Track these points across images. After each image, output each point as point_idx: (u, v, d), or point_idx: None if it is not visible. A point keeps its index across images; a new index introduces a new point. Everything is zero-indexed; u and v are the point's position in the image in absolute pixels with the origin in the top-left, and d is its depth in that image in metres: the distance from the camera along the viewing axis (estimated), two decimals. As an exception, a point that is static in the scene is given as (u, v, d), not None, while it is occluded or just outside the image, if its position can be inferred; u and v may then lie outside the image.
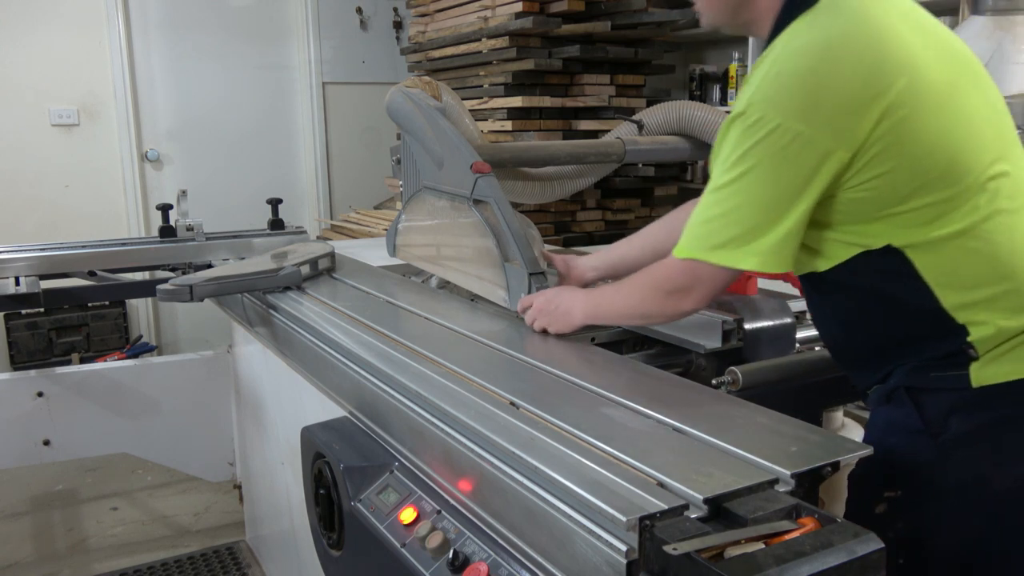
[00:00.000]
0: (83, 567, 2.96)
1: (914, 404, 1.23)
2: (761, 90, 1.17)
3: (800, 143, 1.14)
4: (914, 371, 1.23)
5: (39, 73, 4.62)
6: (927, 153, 1.15)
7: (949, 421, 1.20)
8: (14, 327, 4.56)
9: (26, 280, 2.49)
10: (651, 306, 1.35)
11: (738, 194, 1.19)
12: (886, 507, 1.26)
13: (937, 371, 1.21)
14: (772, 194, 1.17)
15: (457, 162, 1.90)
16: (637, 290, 1.38)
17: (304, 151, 5.41)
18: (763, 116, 1.15)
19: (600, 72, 3.89)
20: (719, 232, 1.21)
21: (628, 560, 0.84)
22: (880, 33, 1.16)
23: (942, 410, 1.21)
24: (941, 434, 1.21)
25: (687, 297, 1.28)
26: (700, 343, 1.58)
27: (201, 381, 2.89)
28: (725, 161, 1.20)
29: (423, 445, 1.26)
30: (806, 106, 1.14)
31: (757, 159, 1.16)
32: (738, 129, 1.18)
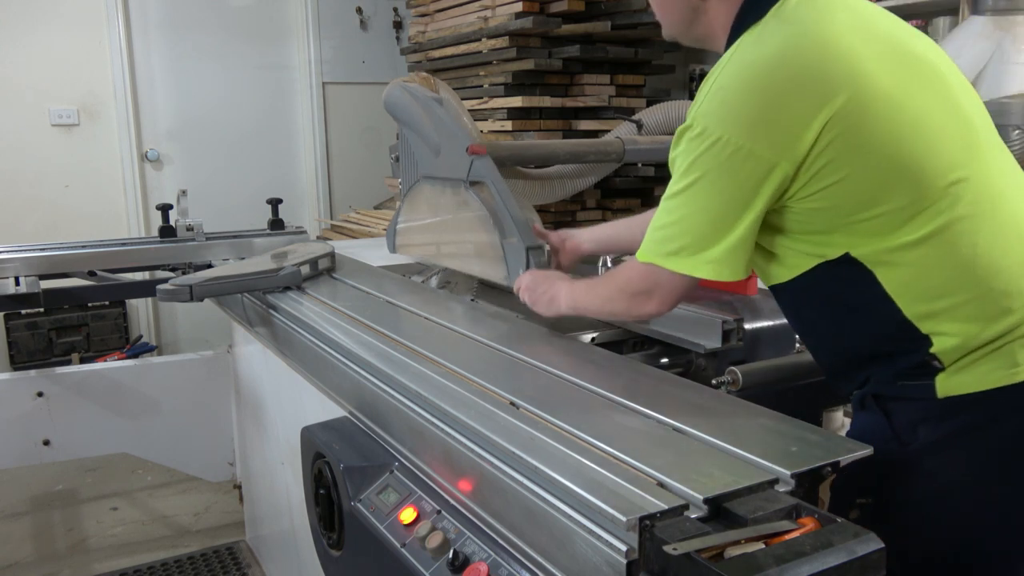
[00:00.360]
0: (83, 567, 2.96)
1: (883, 412, 1.23)
2: (706, 103, 1.20)
3: (741, 156, 1.15)
4: (883, 380, 1.23)
5: (39, 73, 4.62)
6: (880, 162, 1.14)
7: (918, 430, 1.20)
8: (14, 327, 4.56)
9: (26, 280, 2.49)
10: (617, 306, 1.39)
11: (687, 204, 1.22)
12: (859, 514, 1.26)
13: (904, 380, 1.20)
14: (718, 205, 1.19)
15: (454, 148, 1.92)
16: (606, 289, 1.42)
17: (304, 151, 5.41)
18: (706, 129, 1.18)
19: (600, 72, 3.89)
20: (672, 239, 1.24)
21: (628, 560, 0.84)
22: (824, 45, 1.17)
23: (910, 419, 1.21)
24: (910, 443, 1.20)
25: (649, 301, 1.31)
26: (700, 343, 1.58)
27: (201, 381, 2.89)
28: (677, 171, 1.24)
29: (423, 445, 1.26)
30: (747, 120, 1.15)
31: (703, 171, 1.19)
32: (686, 141, 1.22)
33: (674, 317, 1.66)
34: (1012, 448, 1.18)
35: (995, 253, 1.17)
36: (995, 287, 1.16)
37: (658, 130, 3.01)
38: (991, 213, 1.18)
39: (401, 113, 2.12)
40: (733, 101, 1.17)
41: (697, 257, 1.22)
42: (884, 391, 1.23)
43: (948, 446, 1.19)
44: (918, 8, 2.93)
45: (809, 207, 1.18)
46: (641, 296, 1.32)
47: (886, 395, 1.23)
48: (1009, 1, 2.51)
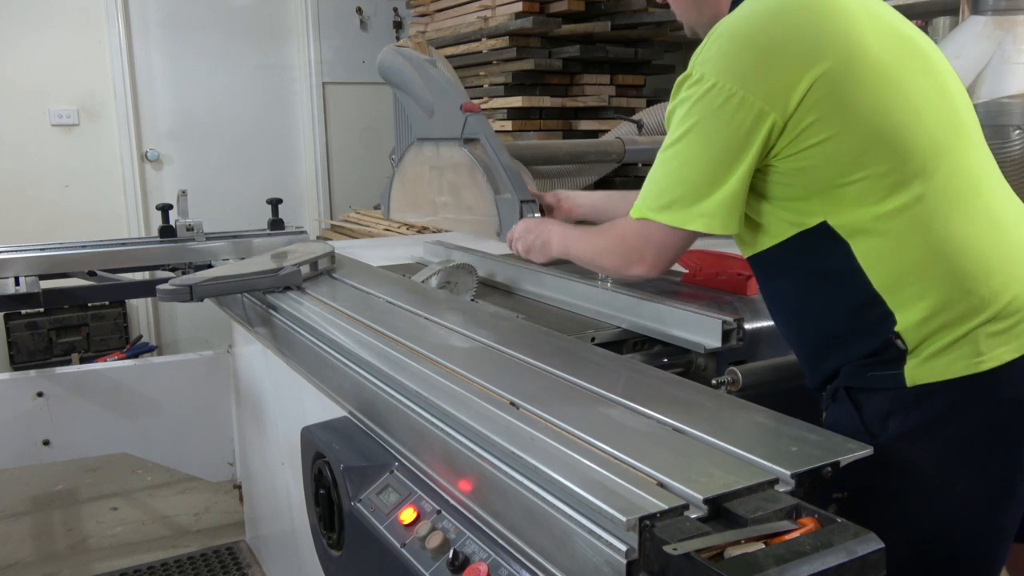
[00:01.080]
0: (83, 567, 2.96)
1: (854, 404, 1.24)
2: (704, 52, 1.22)
3: (735, 103, 1.17)
4: (852, 371, 1.24)
5: (39, 73, 4.62)
6: (864, 127, 1.16)
7: (887, 422, 1.20)
8: (14, 327, 4.56)
9: (26, 280, 2.49)
10: (606, 261, 1.41)
11: (681, 154, 1.23)
12: (835, 509, 1.26)
13: (873, 370, 1.21)
14: (711, 154, 1.21)
15: (447, 106, 1.94)
16: (601, 242, 1.43)
17: (304, 151, 5.41)
18: (703, 76, 1.20)
19: (600, 72, 3.89)
20: (665, 192, 1.25)
21: (628, 560, 0.84)
22: (822, 5, 1.20)
23: (880, 411, 1.21)
24: (879, 435, 1.21)
25: (641, 260, 1.33)
26: (700, 343, 1.58)
27: (201, 381, 2.89)
28: (673, 122, 1.25)
29: (423, 445, 1.26)
30: (742, 68, 1.18)
31: (697, 118, 1.21)
32: (684, 88, 1.23)
33: (674, 317, 1.66)
34: (977, 438, 1.19)
35: (967, 235, 1.19)
36: (963, 268, 1.17)
37: (658, 130, 3.01)
38: (967, 197, 1.21)
39: (395, 76, 2.13)
40: (730, 49, 1.20)
41: (690, 210, 1.23)
42: (854, 383, 1.24)
43: (917, 437, 1.20)
44: (918, 8, 2.93)
45: (792, 167, 1.20)
46: (631, 254, 1.33)
47: (856, 387, 1.24)
48: (1009, 1, 2.51)
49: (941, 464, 1.20)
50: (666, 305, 1.67)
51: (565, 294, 1.96)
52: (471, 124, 1.86)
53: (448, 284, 2.07)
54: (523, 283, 2.10)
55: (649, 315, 1.71)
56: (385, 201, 2.30)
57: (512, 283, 2.14)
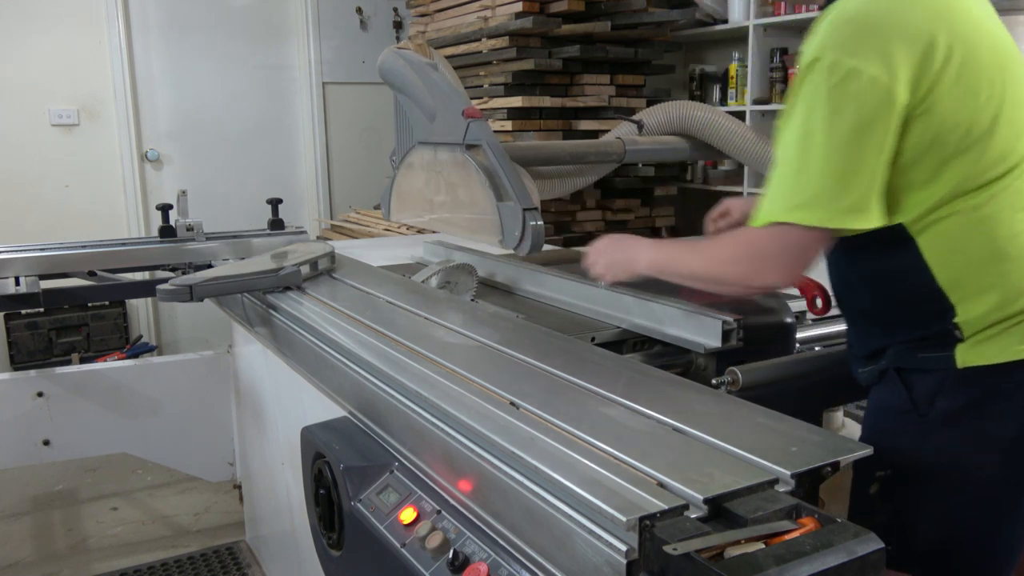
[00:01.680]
0: (83, 567, 2.96)
1: (903, 384, 1.26)
2: (826, 37, 1.15)
3: (865, 83, 1.11)
4: (903, 352, 1.26)
5: (39, 73, 4.62)
6: (973, 115, 1.15)
7: (935, 401, 1.23)
8: (14, 327, 4.56)
9: (26, 280, 2.49)
10: (730, 272, 1.26)
11: (813, 147, 1.14)
12: (878, 487, 1.28)
13: (924, 352, 1.24)
14: (847, 140, 1.12)
15: (449, 111, 1.92)
16: (723, 251, 1.29)
17: (304, 151, 5.41)
18: (835, 62, 1.12)
19: (600, 72, 3.89)
20: (801, 189, 1.15)
21: (628, 560, 0.84)
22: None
23: (929, 390, 1.24)
24: (927, 413, 1.24)
25: (774, 267, 1.20)
26: (700, 343, 1.58)
27: (201, 381, 2.89)
28: (796, 114, 1.17)
29: (423, 445, 1.26)
30: (869, 48, 1.12)
31: (826, 104, 1.13)
32: (810, 78, 1.15)
33: (674, 317, 1.66)
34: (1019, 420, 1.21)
35: None
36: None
37: (658, 130, 3.01)
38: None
39: (396, 79, 2.12)
40: (854, 31, 1.14)
41: (832, 205, 1.13)
42: (905, 364, 1.26)
43: (964, 417, 1.22)
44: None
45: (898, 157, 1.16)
46: (766, 262, 1.20)
47: (907, 367, 1.26)
48: (1010, 1, 2.51)
49: (987, 443, 1.22)
50: (666, 305, 1.67)
51: (565, 294, 1.96)
52: (473, 130, 1.85)
53: (448, 284, 2.07)
54: (523, 283, 2.11)
55: (649, 315, 1.71)
56: (385, 203, 2.30)
57: (512, 283, 2.14)
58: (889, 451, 1.25)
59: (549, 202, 3.64)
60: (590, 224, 3.99)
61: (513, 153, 2.44)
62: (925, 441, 1.24)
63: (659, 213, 4.18)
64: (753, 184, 4.05)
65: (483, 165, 1.82)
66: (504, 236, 1.73)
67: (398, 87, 2.14)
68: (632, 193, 4.09)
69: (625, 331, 1.75)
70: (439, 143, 2.01)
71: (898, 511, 1.27)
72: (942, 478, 1.24)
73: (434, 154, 2.05)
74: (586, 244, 1.74)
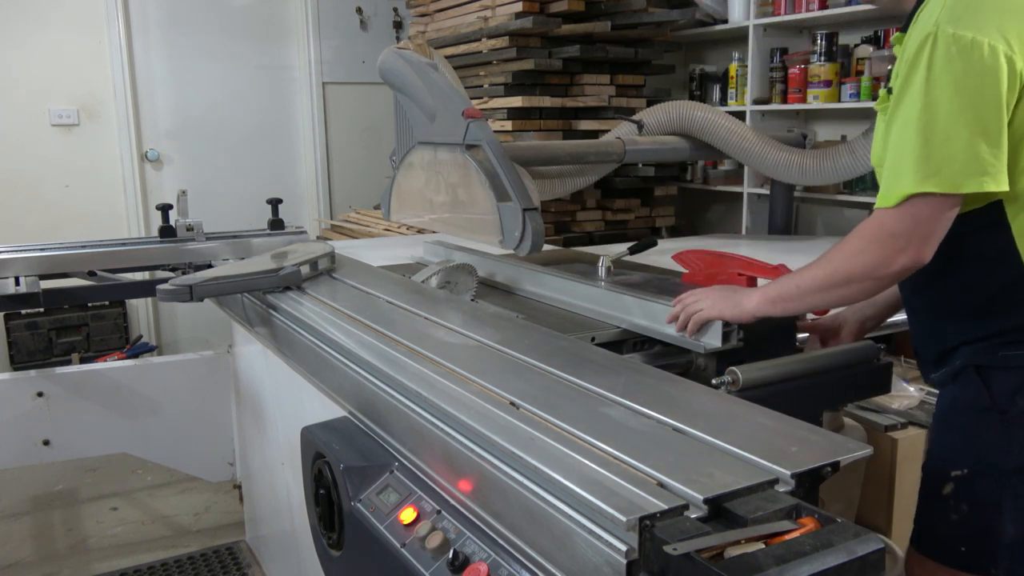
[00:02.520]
0: (83, 567, 2.96)
1: (983, 382, 1.26)
2: (944, 11, 1.17)
3: (984, 51, 1.13)
4: (982, 350, 1.26)
5: (39, 73, 4.61)
6: None
7: (1016, 398, 1.23)
8: (14, 327, 4.56)
9: (26, 280, 2.49)
10: (858, 263, 1.23)
11: (940, 116, 1.15)
12: (953, 488, 1.28)
13: (1005, 350, 1.23)
14: (975, 105, 1.14)
15: (449, 112, 1.92)
16: (839, 251, 1.27)
17: (304, 151, 5.41)
18: (955, 34, 1.14)
19: (600, 72, 3.89)
20: (927, 160, 1.15)
21: (628, 560, 0.84)
22: None
23: (1010, 387, 1.24)
24: (1008, 411, 1.23)
25: (907, 245, 1.19)
26: (700, 343, 1.58)
27: (201, 381, 2.89)
28: (914, 89, 1.17)
29: (423, 445, 1.26)
30: (988, 19, 1.15)
31: (955, 75, 1.14)
32: (928, 52, 1.16)
33: (674, 317, 1.66)
34: None
35: None
36: None
37: (658, 130, 3.01)
38: None
39: (396, 79, 2.12)
40: (972, 5, 1.16)
41: (965, 169, 1.14)
42: (984, 361, 1.26)
43: None
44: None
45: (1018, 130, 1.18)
46: (896, 242, 1.19)
47: (986, 365, 1.25)
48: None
49: None
50: (666, 305, 1.67)
51: (565, 294, 1.96)
52: (473, 130, 1.85)
53: (448, 284, 2.07)
54: (523, 283, 2.10)
55: (649, 315, 1.71)
56: (385, 203, 2.30)
57: (512, 283, 2.14)
58: (966, 449, 1.26)
59: (549, 202, 3.64)
60: (590, 224, 3.99)
61: (513, 153, 2.44)
62: (1008, 439, 1.24)
63: (659, 213, 4.18)
64: (753, 184, 4.05)
65: (483, 165, 1.82)
66: (504, 236, 1.72)
67: (398, 87, 2.14)
68: (632, 193, 4.09)
69: (625, 331, 1.74)
70: (439, 143, 2.01)
71: (977, 510, 1.27)
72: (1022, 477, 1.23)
73: (434, 154, 2.05)
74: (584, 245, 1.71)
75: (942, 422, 1.35)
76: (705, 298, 1.49)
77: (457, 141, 1.89)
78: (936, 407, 1.38)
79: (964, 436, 1.28)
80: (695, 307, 1.50)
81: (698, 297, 1.51)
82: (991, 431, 1.25)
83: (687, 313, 1.52)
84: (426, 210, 2.15)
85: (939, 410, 1.36)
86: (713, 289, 1.51)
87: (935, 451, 1.34)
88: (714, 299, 1.48)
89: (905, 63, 1.20)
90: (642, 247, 2.22)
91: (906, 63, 1.19)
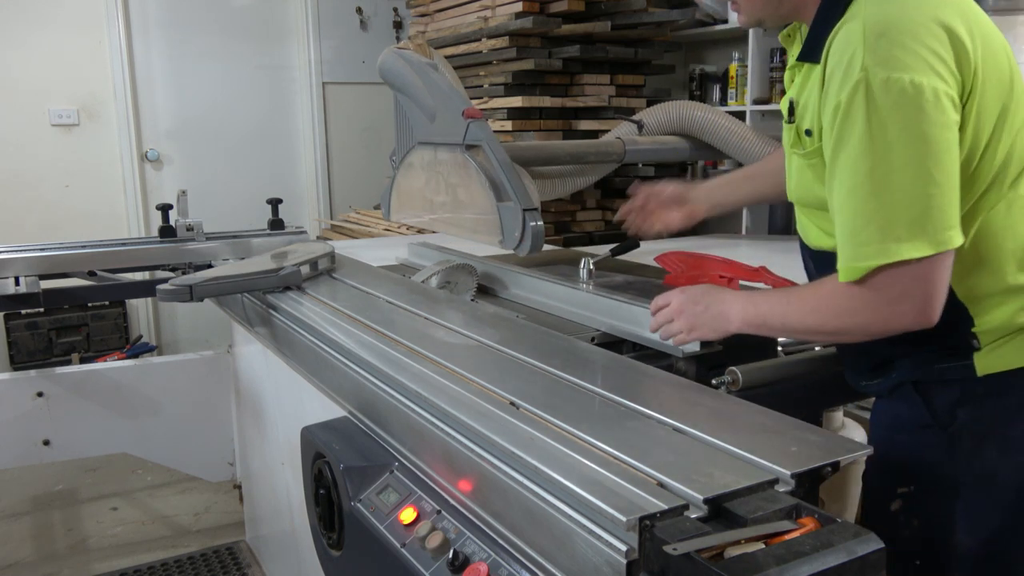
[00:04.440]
0: (83, 567, 2.96)
1: (922, 398, 1.24)
2: (870, 55, 1.08)
3: (931, 93, 1.06)
4: (919, 365, 1.24)
5: (39, 73, 4.62)
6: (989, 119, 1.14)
7: (957, 412, 1.21)
8: (14, 327, 4.56)
9: (26, 280, 2.48)
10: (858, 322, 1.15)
11: (894, 171, 1.06)
12: (901, 504, 1.27)
13: (942, 363, 1.22)
14: (929, 156, 1.06)
15: (449, 112, 1.92)
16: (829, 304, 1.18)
17: (304, 151, 5.41)
18: (888, 78, 1.06)
19: (600, 72, 3.89)
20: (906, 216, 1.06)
21: (628, 560, 0.84)
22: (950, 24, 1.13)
23: (949, 402, 1.22)
24: (949, 426, 1.22)
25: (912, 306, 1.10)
26: (679, 348, 1.56)
27: (201, 381, 2.89)
28: (854, 143, 1.08)
29: (423, 445, 1.26)
30: (923, 58, 1.07)
31: (900, 124, 1.06)
32: (862, 101, 1.07)
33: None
34: None
35: None
36: None
37: (658, 130, 3.01)
38: None
39: (396, 79, 2.12)
40: (901, 44, 1.07)
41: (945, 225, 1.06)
42: (922, 376, 1.24)
43: (988, 426, 1.21)
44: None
45: None
46: (900, 303, 1.11)
47: (924, 380, 1.23)
48: (1010, 1, 2.51)
49: (1014, 451, 1.20)
50: (645, 308, 1.65)
51: (544, 295, 1.94)
52: (473, 130, 1.85)
53: (448, 284, 2.07)
54: (501, 285, 2.08)
55: (628, 318, 1.68)
56: (385, 203, 2.30)
57: (488, 285, 2.11)
58: (911, 467, 1.23)
59: (549, 202, 3.64)
60: (590, 224, 3.99)
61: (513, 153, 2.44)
62: (952, 453, 1.22)
63: (659, 213, 4.18)
64: (753, 184, 4.04)
65: (483, 165, 1.82)
66: (504, 236, 1.72)
67: (398, 87, 2.15)
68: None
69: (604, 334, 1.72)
70: (439, 143, 2.01)
71: (930, 524, 1.25)
72: (973, 488, 1.22)
73: (434, 154, 2.05)
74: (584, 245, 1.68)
75: (884, 439, 1.31)
76: (680, 317, 1.39)
77: (457, 141, 1.89)
78: (874, 421, 1.33)
79: (908, 453, 1.25)
80: (672, 330, 1.42)
81: (672, 315, 1.41)
82: (935, 447, 1.23)
83: (666, 334, 1.45)
84: (426, 210, 2.15)
85: (877, 428, 1.32)
86: (687, 300, 1.39)
87: (878, 468, 1.28)
88: (691, 322, 1.38)
89: (834, 113, 1.11)
90: (625, 248, 2.20)
91: (837, 114, 1.10)
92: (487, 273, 2.13)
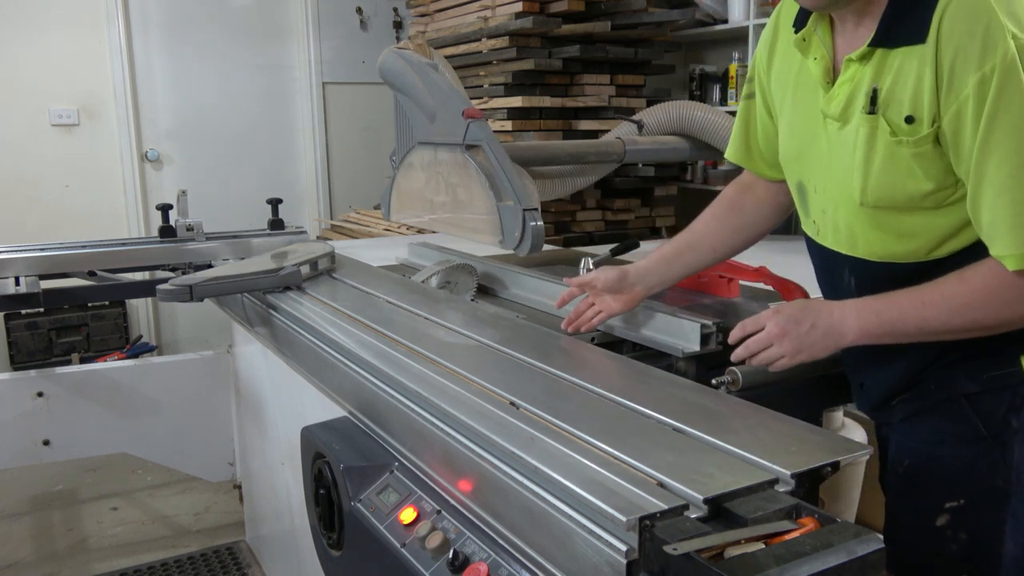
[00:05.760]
0: (83, 567, 2.96)
1: (973, 409, 1.21)
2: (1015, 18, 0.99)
3: None
4: (959, 375, 1.21)
5: (39, 73, 4.62)
6: None
7: (1008, 419, 1.19)
8: (14, 327, 4.56)
9: (26, 280, 2.48)
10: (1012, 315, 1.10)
11: None
12: (948, 518, 1.23)
13: (991, 371, 1.19)
14: None
15: (449, 112, 1.93)
16: (990, 292, 1.11)
17: (304, 151, 5.41)
18: None
19: (600, 72, 3.89)
20: None
21: (628, 560, 0.84)
22: None
23: (1000, 409, 1.20)
24: (1001, 434, 1.20)
25: None
26: (679, 347, 1.56)
27: (201, 381, 2.89)
28: (1018, 117, 1.00)
29: (423, 445, 1.26)
30: None
31: None
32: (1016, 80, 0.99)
33: (652, 320, 1.65)
34: None
35: None
36: None
37: (658, 130, 3.01)
38: None
39: (396, 79, 2.13)
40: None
41: None
42: (970, 388, 1.21)
43: None
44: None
45: None
46: None
47: (973, 392, 1.21)
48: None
49: None
50: (644, 308, 1.65)
51: (544, 295, 1.94)
52: (473, 130, 1.85)
53: (448, 284, 2.07)
54: (501, 285, 2.08)
55: (627, 318, 1.69)
56: (385, 203, 2.30)
57: (488, 285, 2.11)
58: (960, 480, 1.21)
59: (549, 202, 3.64)
60: (590, 224, 3.99)
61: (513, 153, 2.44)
62: (1002, 463, 1.20)
63: (659, 213, 4.18)
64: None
65: (483, 165, 1.82)
66: (504, 236, 1.72)
67: (398, 87, 2.15)
68: (632, 193, 4.09)
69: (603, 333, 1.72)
70: (439, 143, 2.01)
71: (979, 537, 1.23)
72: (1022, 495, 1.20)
73: (434, 154, 2.06)
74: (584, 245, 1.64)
75: (925, 456, 1.26)
76: (781, 340, 1.23)
77: (457, 141, 1.89)
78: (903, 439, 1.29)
79: (956, 467, 1.22)
80: (772, 355, 1.25)
81: (771, 339, 1.24)
82: (985, 457, 1.20)
83: (763, 361, 1.27)
84: (426, 210, 2.15)
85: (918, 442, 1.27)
86: (787, 321, 1.23)
87: (915, 485, 1.25)
88: (796, 344, 1.23)
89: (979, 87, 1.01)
90: (625, 248, 2.21)
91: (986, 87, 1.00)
92: (487, 273, 2.13)
